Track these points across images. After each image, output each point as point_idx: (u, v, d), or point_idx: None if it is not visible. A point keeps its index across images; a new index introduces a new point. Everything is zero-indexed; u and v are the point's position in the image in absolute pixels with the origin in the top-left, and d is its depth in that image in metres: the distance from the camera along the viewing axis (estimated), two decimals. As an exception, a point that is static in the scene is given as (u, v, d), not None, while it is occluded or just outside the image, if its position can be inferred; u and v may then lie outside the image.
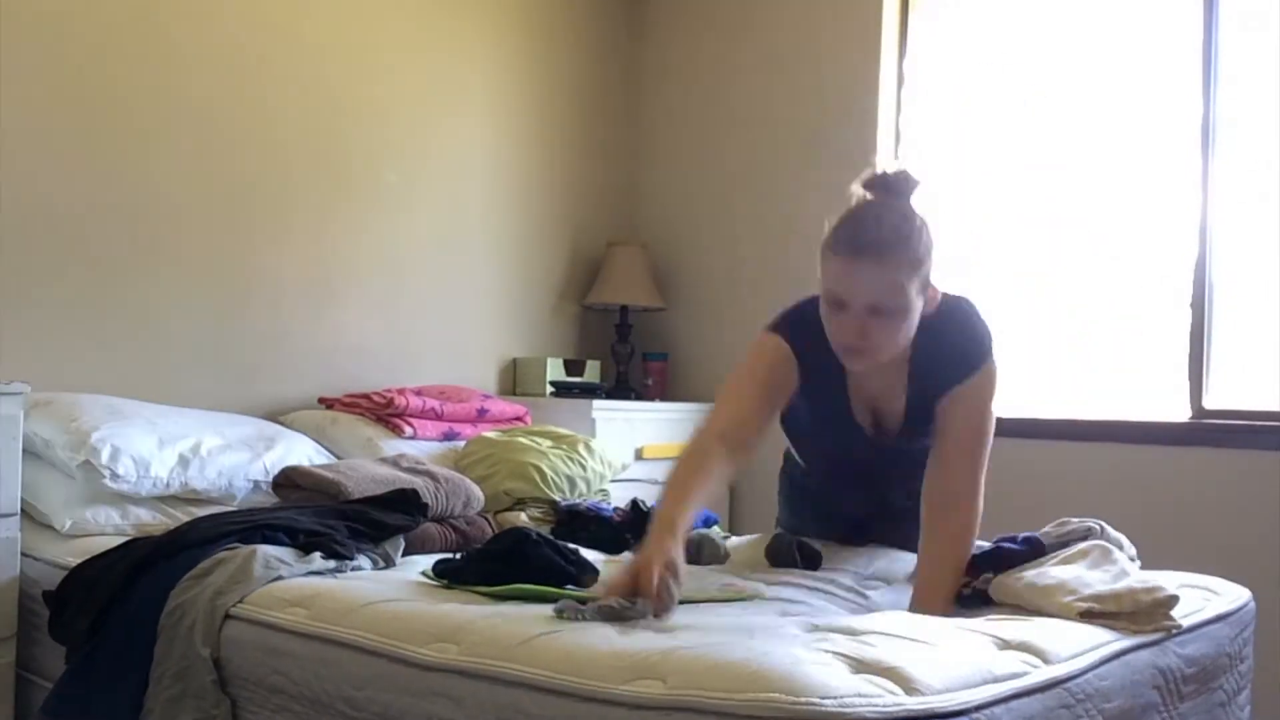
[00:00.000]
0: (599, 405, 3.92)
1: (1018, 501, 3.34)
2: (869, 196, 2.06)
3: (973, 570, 2.12)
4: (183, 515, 2.77)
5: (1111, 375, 3.71)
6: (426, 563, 2.29)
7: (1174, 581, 2.07)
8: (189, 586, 2.13)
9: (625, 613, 1.74)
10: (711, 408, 2.17)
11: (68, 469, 2.75)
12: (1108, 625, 1.85)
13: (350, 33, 3.79)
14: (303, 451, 3.14)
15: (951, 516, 2.12)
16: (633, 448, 3.94)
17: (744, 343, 4.14)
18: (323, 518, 2.46)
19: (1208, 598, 2.12)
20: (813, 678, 1.43)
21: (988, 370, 2.10)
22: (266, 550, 2.24)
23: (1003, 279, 3.93)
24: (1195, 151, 3.50)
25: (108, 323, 3.24)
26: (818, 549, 2.40)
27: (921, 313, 2.03)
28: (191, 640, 2.02)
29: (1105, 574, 2.00)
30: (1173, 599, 1.90)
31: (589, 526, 2.82)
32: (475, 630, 1.74)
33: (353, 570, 2.30)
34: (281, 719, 1.90)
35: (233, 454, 2.95)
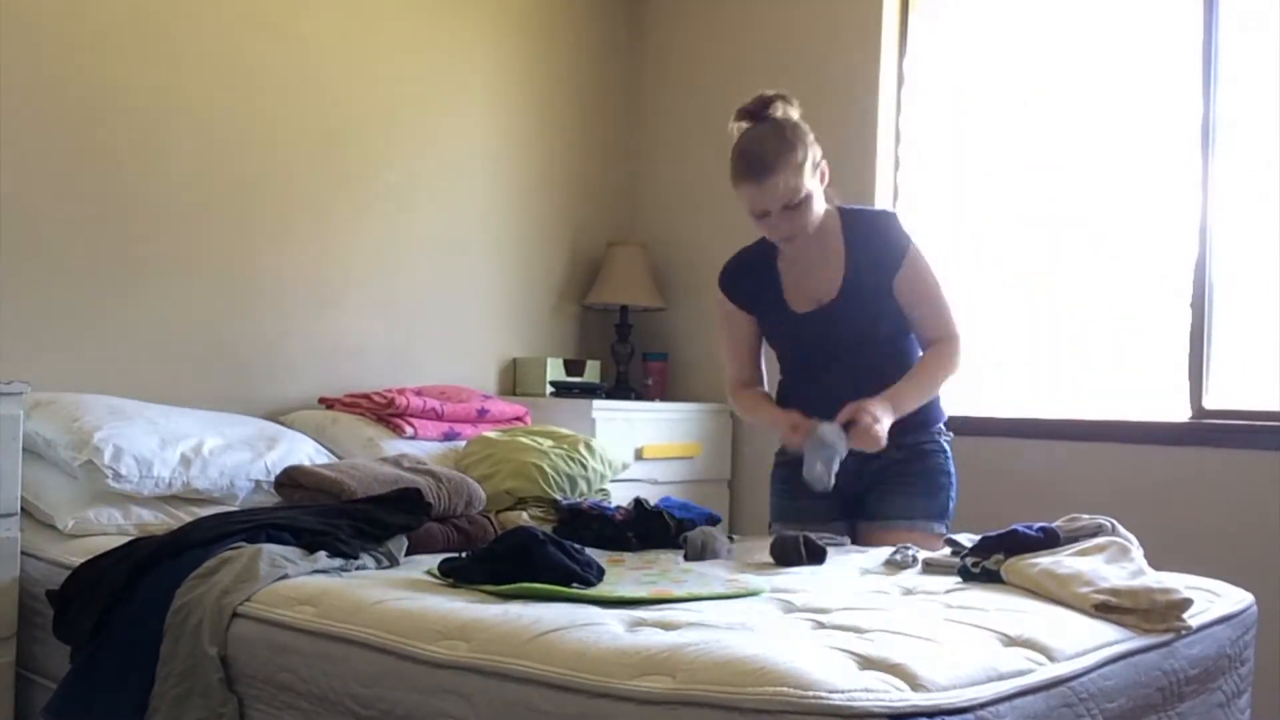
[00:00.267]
0: (599, 405, 3.92)
1: (1018, 501, 3.36)
2: (743, 125, 2.62)
3: (984, 550, 2.17)
4: (185, 515, 2.77)
5: (1111, 375, 3.71)
6: (430, 562, 2.29)
7: (1178, 583, 2.07)
8: (194, 585, 2.13)
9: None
10: (725, 370, 2.87)
11: (70, 469, 2.75)
12: (1117, 622, 1.85)
13: (350, 33, 3.79)
14: (304, 451, 3.15)
15: (933, 350, 2.65)
16: (633, 448, 3.94)
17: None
18: (326, 517, 2.46)
19: (1210, 599, 2.12)
20: (820, 673, 1.44)
21: (915, 248, 2.66)
22: (272, 549, 2.24)
23: (1003, 279, 3.93)
24: (1195, 151, 3.50)
25: (108, 323, 3.24)
26: (822, 545, 2.41)
27: (826, 196, 2.61)
28: (198, 639, 2.01)
29: (1123, 570, 2.01)
30: (1187, 601, 1.92)
31: (592, 525, 2.81)
32: (484, 627, 1.75)
33: (357, 569, 2.30)
34: (289, 716, 1.90)
35: (234, 454, 2.95)
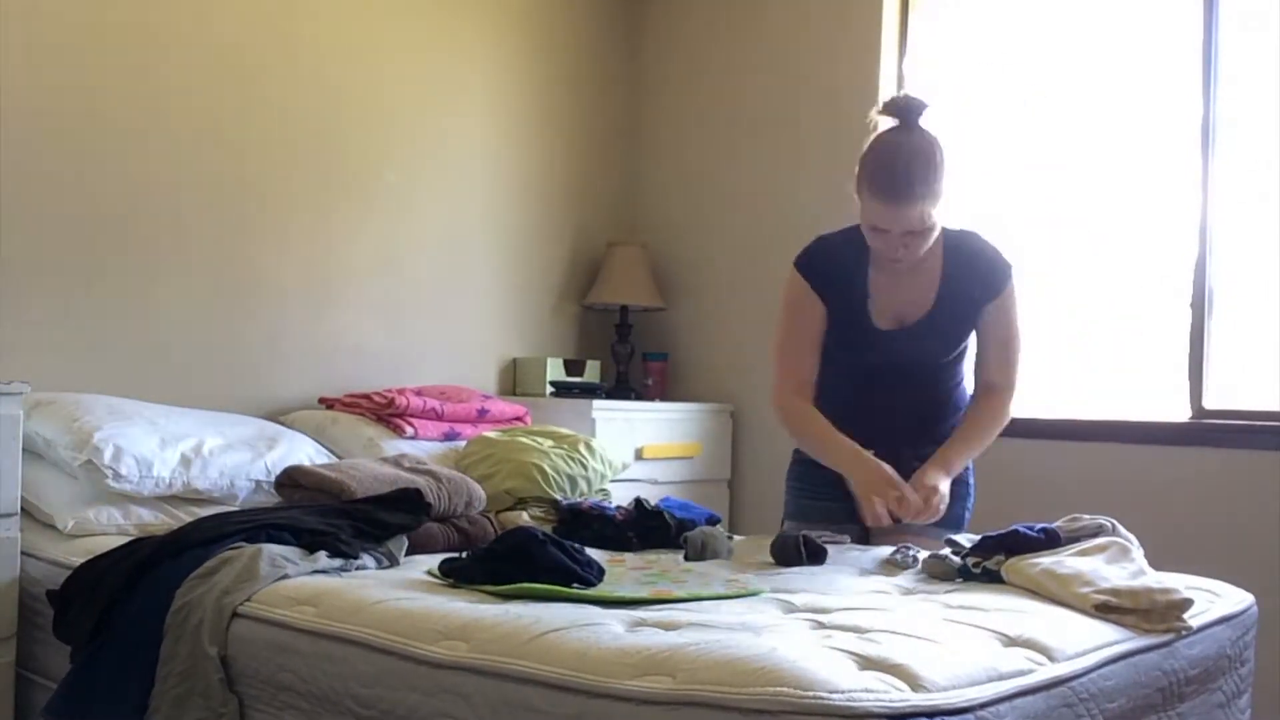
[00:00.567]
0: (599, 405, 3.92)
1: (1018, 501, 3.35)
2: (886, 124, 2.47)
3: (985, 550, 2.17)
4: (185, 515, 2.77)
5: (1111, 375, 3.71)
6: (430, 562, 2.30)
7: (1179, 584, 2.07)
8: (195, 585, 2.13)
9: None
10: (776, 366, 2.63)
11: (70, 469, 2.75)
12: (1117, 622, 1.85)
13: (350, 33, 3.79)
14: (304, 451, 3.15)
15: (986, 401, 2.58)
16: (633, 448, 3.94)
17: (744, 343, 4.21)
18: (326, 517, 2.46)
19: (1210, 599, 2.12)
20: (820, 673, 1.44)
21: (1013, 285, 2.57)
22: (272, 549, 2.24)
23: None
24: (1195, 151, 3.50)
25: (108, 323, 3.24)
26: (823, 545, 2.41)
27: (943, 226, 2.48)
28: (199, 639, 2.01)
29: (1123, 570, 2.01)
30: (1187, 602, 1.91)
31: (592, 525, 2.81)
32: (484, 627, 1.75)
33: (358, 569, 2.30)
34: (289, 716, 1.90)
35: (234, 454, 2.95)
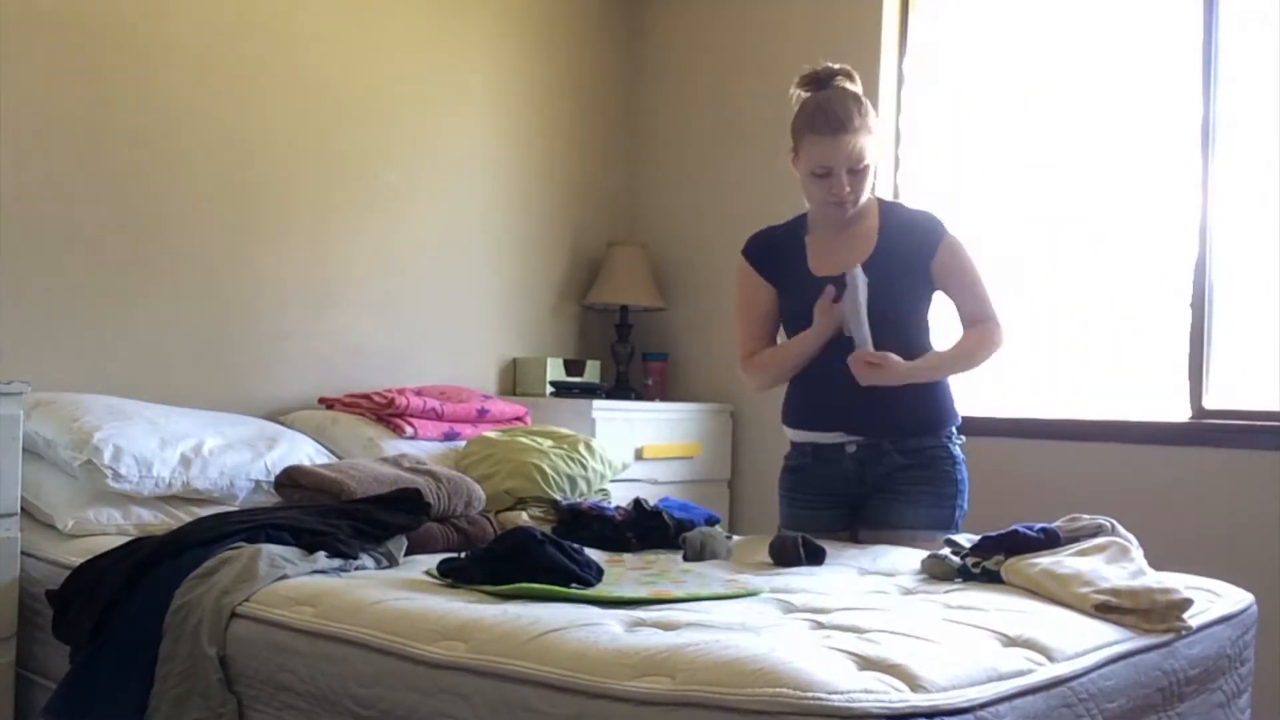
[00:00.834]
0: (599, 405, 3.92)
1: (1018, 501, 3.35)
2: (805, 94, 2.65)
3: (985, 550, 2.17)
4: (185, 515, 2.77)
5: (1111, 375, 3.71)
6: (429, 562, 2.29)
7: (1179, 583, 2.08)
8: (194, 586, 2.13)
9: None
10: (736, 342, 2.83)
11: (70, 469, 2.75)
12: (1117, 622, 1.85)
13: (350, 33, 3.79)
14: (304, 451, 3.14)
15: (971, 330, 2.68)
16: (633, 448, 3.94)
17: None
18: (325, 517, 2.46)
19: (1210, 599, 2.12)
20: (819, 674, 1.44)
21: (954, 237, 2.70)
22: (271, 549, 2.24)
23: (1003, 279, 3.93)
24: (1195, 151, 3.50)
25: (108, 323, 3.24)
26: (821, 545, 2.41)
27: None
28: (198, 639, 2.02)
29: (1123, 570, 2.01)
30: (1187, 602, 1.92)
31: (591, 525, 2.81)
32: (483, 628, 1.75)
33: (357, 569, 2.30)
34: (288, 716, 1.90)
35: (234, 454, 2.95)
